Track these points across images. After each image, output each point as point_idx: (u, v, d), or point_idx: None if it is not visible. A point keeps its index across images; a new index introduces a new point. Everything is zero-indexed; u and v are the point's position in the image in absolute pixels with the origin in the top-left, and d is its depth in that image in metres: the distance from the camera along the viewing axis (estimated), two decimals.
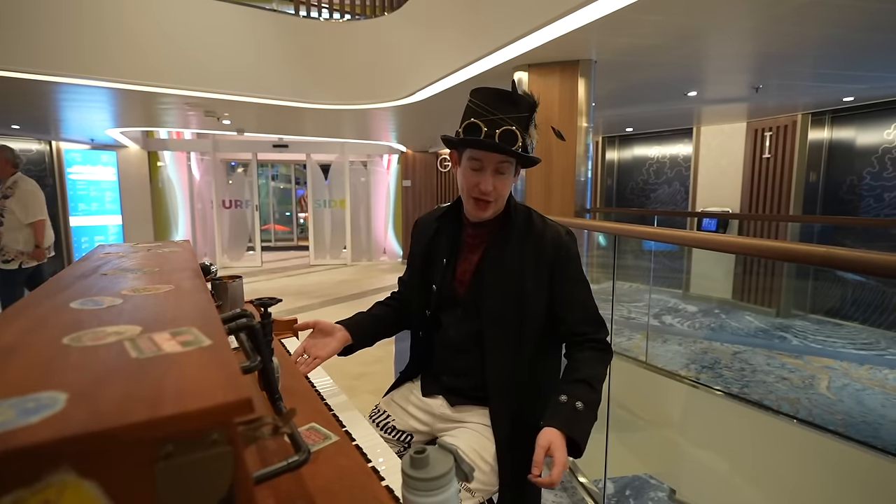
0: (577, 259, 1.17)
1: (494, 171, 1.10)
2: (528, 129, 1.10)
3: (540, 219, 1.20)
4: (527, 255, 1.14)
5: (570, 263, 1.15)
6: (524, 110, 1.09)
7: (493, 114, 1.07)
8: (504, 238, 1.16)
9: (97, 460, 0.35)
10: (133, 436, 0.36)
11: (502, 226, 1.18)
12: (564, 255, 1.14)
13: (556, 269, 1.13)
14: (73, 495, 0.35)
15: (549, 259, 1.13)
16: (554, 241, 1.14)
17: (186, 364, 0.47)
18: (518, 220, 1.18)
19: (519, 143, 1.07)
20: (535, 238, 1.15)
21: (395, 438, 1.25)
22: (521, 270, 1.13)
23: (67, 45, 3.76)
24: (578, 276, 1.16)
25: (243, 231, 9.10)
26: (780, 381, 3.53)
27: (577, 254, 1.18)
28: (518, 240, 1.16)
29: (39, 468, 0.34)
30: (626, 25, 2.47)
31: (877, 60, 3.30)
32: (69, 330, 0.60)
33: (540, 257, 1.13)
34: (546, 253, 1.13)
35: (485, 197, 1.11)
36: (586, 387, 1.04)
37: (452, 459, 0.65)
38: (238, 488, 0.41)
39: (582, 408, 1.00)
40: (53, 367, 0.47)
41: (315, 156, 9.01)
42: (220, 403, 0.39)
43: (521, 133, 1.08)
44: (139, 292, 0.82)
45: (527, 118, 1.09)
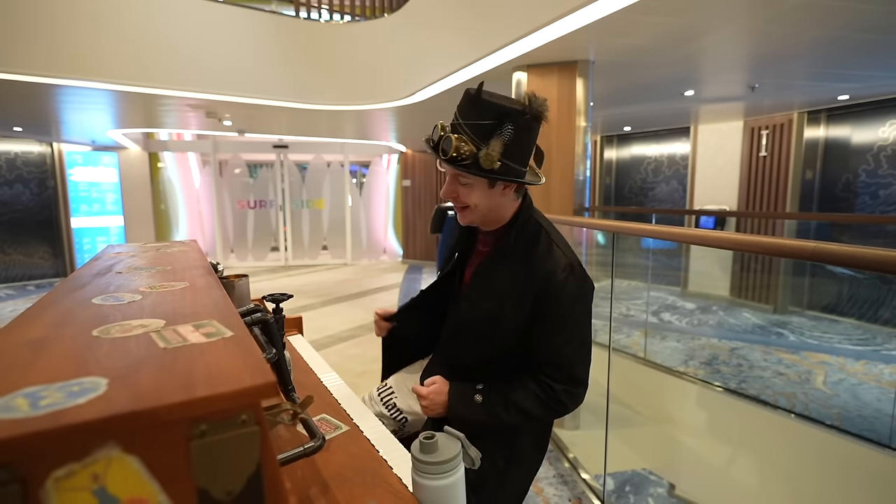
0: (568, 299, 1.05)
1: (454, 177, 1.06)
2: (489, 136, 0.98)
3: (547, 245, 1.09)
4: (516, 280, 1.07)
5: (557, 303, 1.04)
6: (487, 117, 0.98)
7: (457, 119, 1.02)
8: (501, 253, 1.12)
9: (139, 437, 0.39)
10: (171, 415, 0.40)
11: (506, 242, 1.11)
12: (552, 294, 1.04)
13: (541, 305, 1.05)
14: (118, 469, 0.38)
15: (536, 293, 1.05)
16: (547, 277, 1.04)
17: (213, 352, 0.51)
18: (522, 238, 1.10)
19: (457, 151, 0.99)
20: (531, 265, 1.06)
21: (392, 417, 1.28)
22: (505, 292, 1.08)
23: (67, 48, 3.79)
24: (564, 317, 1.05)
25: (268, 230, 9.14)
26: (777, 377, 3.57)
27: (575, 298, 1.06)
28: (514, 260, 1.09)
29: (89, 444, 0.37)
30: (623, 27, 2.50)
31: (869, 60, 3.34)
32: (96, 323, 0.64)
33: (526, 287, 1.06)
34: (534, 285, 1.05)
35: (454, 203, 1.10)
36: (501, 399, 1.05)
37: (460, 445, 0.68)
38: (265, 466, 0.44)
39: (479, 401, 1.06)
40: (89, 355, 0.51)
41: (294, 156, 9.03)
42: (248, 386, 0.43)
43: (472, 140, 0.99)
44: (156, 289, 0.86)
45: (489, 126, 0.98)
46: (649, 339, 4.62)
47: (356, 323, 4.91)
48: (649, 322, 5.15)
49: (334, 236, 9.29)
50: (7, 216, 7.19)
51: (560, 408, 1.06)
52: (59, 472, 0.36)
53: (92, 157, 7.68)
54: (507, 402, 1.05)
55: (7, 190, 7.17)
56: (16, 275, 7.33)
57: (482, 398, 1.06)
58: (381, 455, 0.81)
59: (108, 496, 0.38)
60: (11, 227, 7.22)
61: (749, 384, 3.46)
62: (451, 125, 1.03)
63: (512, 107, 0.99)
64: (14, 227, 7.24)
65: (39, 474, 0.36)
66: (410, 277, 7.39)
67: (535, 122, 1.02)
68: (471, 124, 0.99)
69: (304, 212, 9.16)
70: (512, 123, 0.98)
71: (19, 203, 7.28)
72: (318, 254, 9.35)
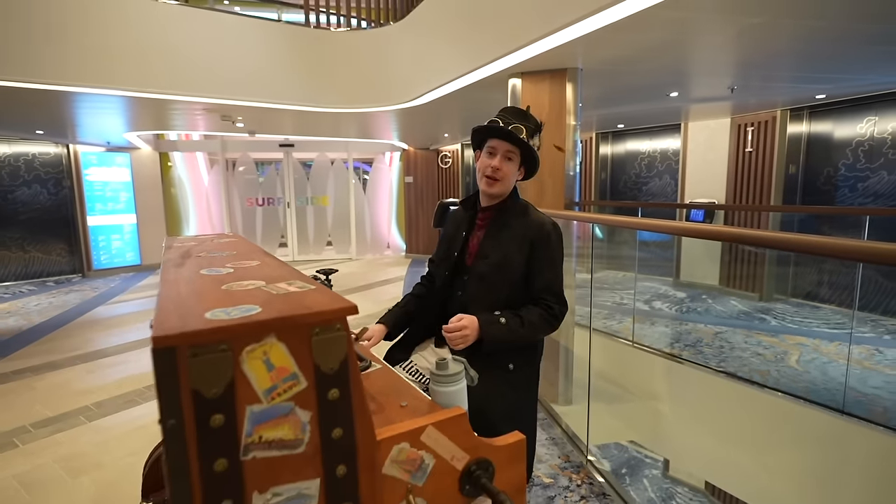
0: (555, 245, 1.51)
1: (503, 156, 1.52)
2: (534, 136, 1.53)
3: (535, 211, 1.58)
4: (516, 233, 1.51)
5: (548, 246, 1.50)
6: (532, 123, 1.53)
7: (511, 121, 1.51)
8: (504, 221, 1.55)
9: (285, 333, 0.69)
10: (301, 321, 0.70)
11: (503, 212, 1.57)
12: (544, 238, 1.49)
13: (535, 247, 1.49)
14: (275, 349, 0.69)
15: (532, 238, 1.49)
16: (538, 226, 1.51)
17: (309, 294, 0.81)
18: (516, 209, 1.57)
19: (525, 137, 1.49)
20: (526, 222, 1.52)
21: (417, 380, 1.59)
22: (510, 243, 1.51)
23: (97, 59, 4.08)
24: (552, 258, 1.50)
25: (276, 227, 9.45)
26: (755, 357, 3.88)
27: (558, 243, 1.52)
28: (513, 222, 1.54)
29: (260, 334, 0.67)
30: (606, 41, 2.78)
31: (839, 65, 3.62)
32: (219, 283, 0.94)
33: (525, 235, 1.50)
34: (530, 233, 1.50)
35: (494, 175, 1.52)
36: (517, 319, 1.42)
37: (463, 366, 0.98)
38: (349, 356, 0.74)
39: (504, 322, 1.40)
40: (233, 297, 0.81)
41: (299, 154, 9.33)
42: (340, 308, 0.73)
43: (528, 134, 1.50)
44: (240, 265, 1.16)
45: (533, 128, 1.53)
46: (641, 325, 4.93)
47: (364, 313, 5.22)
48: (642, 310, 5.45)
49: (339, 232, 9.59)
50: (26, 215, 7.50)
51: (556, 322, 1.48)
52: (248, 348, 0.66)
53: (106, 158, 7.98)
54: (522, 321, 1.43)
55: (26, 190, 7.47)
56: (35, 271, 7.64)
57: (505, 320, 1.41)
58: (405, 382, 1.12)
59: (270, 363, 0.68)
60: (30, 226, 7.53)
61: (728, 363, 3.76)
62: (507, 123, 1.51)
63: (541, 122, 1.58)
64: (33, 226, 7.56)
65: (238, 348, 0.66)
66: (414, 271, 7.70)
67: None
68: (525, 125, 1.52)
69: (309, 209, 9.47)
70: (539, 130, 1.56)
71: (37, 203, 7.59)
72: (323, 249, 9.66)
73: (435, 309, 1.63)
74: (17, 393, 3.32)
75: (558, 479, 2.25)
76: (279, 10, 8.09)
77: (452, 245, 1.63)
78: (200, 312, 0.70)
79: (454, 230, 1.66)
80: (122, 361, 3.92)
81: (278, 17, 8.20)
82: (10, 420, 2.92)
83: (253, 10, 8.53)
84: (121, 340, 4.47)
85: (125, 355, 4.07)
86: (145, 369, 3.72)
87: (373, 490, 0.79)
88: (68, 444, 2.64)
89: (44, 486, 2.25)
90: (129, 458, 2.46)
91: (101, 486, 2.23)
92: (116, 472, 2.34)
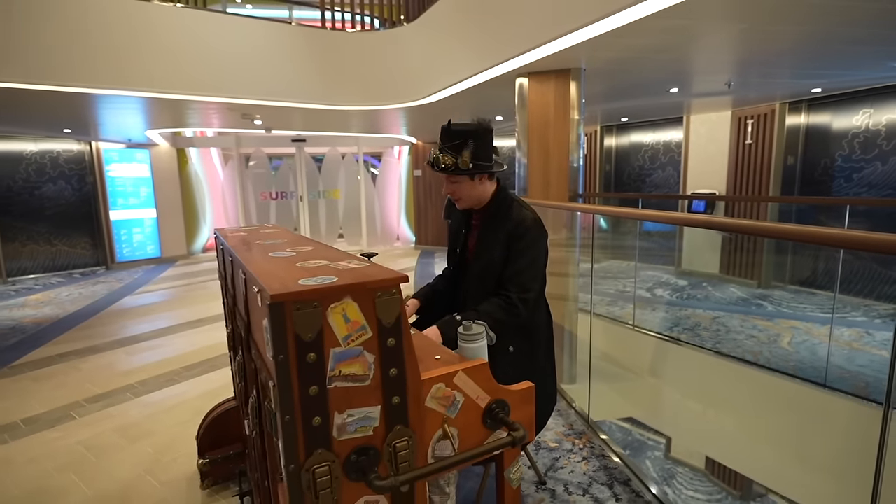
0: (531, 240, 1.65)
1: (448, 180, 1.70)
2: (462, 149, 1.61)
3: (518, 208, 1.72)
4: (500, 234, 1.69)
5: (522, 239, 1.65)
6: (455, 138, 1.61)
7: (439, 149, 1.66)
8: (491, 222, 1.74)
9: (357, 295, 0.94)
10: (369, 287, 0.95)
11: (490, 214, 1.75)
12: (521, 233, 1.65)
13: (512, 241, 1.66)
14: (350, 307, 0.94)
15: (510, 232, 1.66)
16: (518, 223, 1.66)
17: (370, 268, 1.07)
18: (502, 208, 1.73)
19: (447, 163, 1.61)
20: (508, 221, 1.69)
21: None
22: (495, 244, 1.69)
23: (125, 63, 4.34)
24: (524, 251, 1.65)
25: (289, 220, 9.74)
26: (749, 339, 4.10)
27: (535, 238, 1.66)
28: (498, 223, 1.71)
29: (340, 295, 0.93)
30: (608, 45, 3.00)
31: (833, 62, 3.80)
32: (292, 262, 1.19)
33: (506, 232, 1.67)
34: (510, 229, 1.67)
35: (453, 196, 1.73)
36: (473, 313, 1.58)
37: (484, 328, 1.23)
38: (402, 313, 1.00)
39: (459, 320, 1.53)
40: (311, 271, 1.06)
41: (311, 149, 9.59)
42: (395, 277, 0.99)
43: (450, 156, 1.62)
44: (299, 249, 1.41)
45: (459, 144, 1.61)
46: (643, 310, 5.16)
47: None
48: (644, 297, 5.68)
49: (350, 225, 9.85)
50: (52, 210, 7.82)
51: (514, 309, 1.62)
52: (332, 305, 0.92)
53: (127, 154, 8.27)
54: (478, 313, 1.59)
55: (52, 186, 7.79)
56: (62, 264, 7.98)
57: (461, 318, 1.56)
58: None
59: (347, 317, 0.93)
60: (56, 221, 7.86)
61: (723, 345, 3.99)
62: (439, 149, 1.66)
63: (469, 128, 1.62)
64: (59, 220, 7.88)
65: (325, 305, 0.91)
66: (423, 262, 7.95)
67: (487, 133, 1.65)
68: (448, 145, 1.62)
69: (321, 202, 9.73)
70: (472, 139, 1.61)
71: (62, 198, 7.91)
72: (335, 242, 9.94)
73: (451, 293, 1.89)
74: (66, 374, 3.62)
75: (562, 444, 2.51)
76: (290, 7, 8.31)
77: (455, 242, 1.89)
78: (294, 280, 0.95)
79: (457, 227, 1.91)
80: (157, 345, 4.22)
81: (289, 14, 8.43)
82: (64, 397, 3.22)
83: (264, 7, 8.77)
84: (153, 327, 4.77)
85: (159, 340, 4.37)
86: (180, 352, 4.01)
87: (418, 417, 1.05)
88: (120, 416, 2.93)
89: (106, 450, 2.54)
90: (177, 427, 2.75)
91: (157, 449, 2.52)
92: (168, 438, 2.63)
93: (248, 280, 1.23)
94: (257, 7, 8.92)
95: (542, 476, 2.21)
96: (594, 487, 2.14)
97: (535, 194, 3.69)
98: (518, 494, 1.29)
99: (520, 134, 3.79)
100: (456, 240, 1.89)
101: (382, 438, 1.00)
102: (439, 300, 1.91)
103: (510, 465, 1.24)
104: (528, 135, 3.68)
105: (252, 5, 8.93)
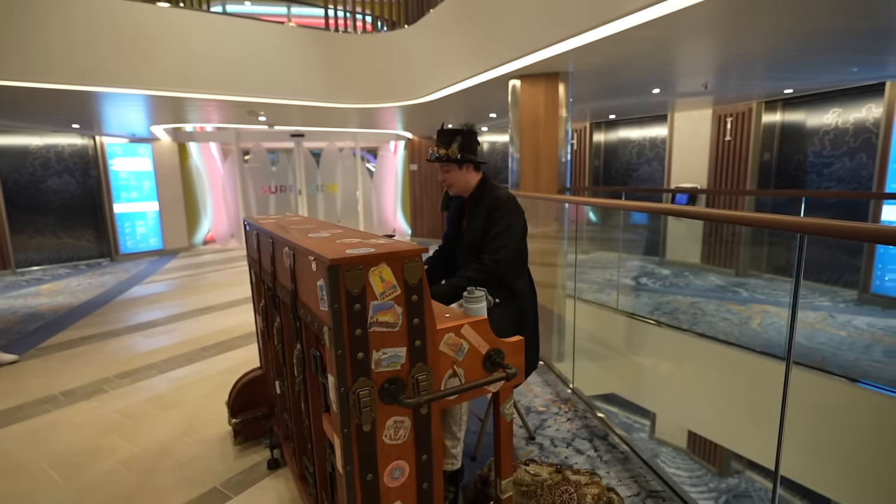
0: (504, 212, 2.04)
1: (442, 169, 2.15)
2: (451, 144, 2.08)
3: (496, 189, 2.14)
4: (481, 209, 2.10)
5: (494, 213, 2.05)
6: (447, 136, 2.10)
7: (436, 144, 2.14)
8: (477, 206, 2.14)
9: (391, 261, 1.25)
10: (399, 255, 1.26)
11: (477, 199, 2.16)
12: (496, 208, 2.06)
13: (489, 214, 2.06)
14: (385, 270, 1.25)
15: (488, 209, 2.07)
16: (494, 199, 2.08)
17: (396, 243, 1.37)
18: (485, 192, 2.14)
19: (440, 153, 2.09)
20: (488, 200, 2.10)
21: None
22: (479, 221, 2.09)
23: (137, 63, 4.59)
24: (498, 220, 2.04)
25: (288, 213, 9.99)
26: (722, 321, 4.46)
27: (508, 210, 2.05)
28: (482, 204, 2.11)
29: (379, 261, 1.24)
30: (593, 52, 3.30)
31: (798, 66, 4.14)
32: (333, 240, 1.49)
33: (486, 209, 2.08)
34: (488, 206, 2.08)
35: (445, 182, 2.17)
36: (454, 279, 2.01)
37: (484, 292, 1.55)
38: (423, 276, 1.30)
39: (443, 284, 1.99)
40: (351, 245, 1.36)
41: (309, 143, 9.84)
42: (419, 249, 1.30)
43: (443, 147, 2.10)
44: (332, 231, 1.71)
45: (448, 139, 2.09)
46: (627, 297, 5.50)
47: None
48: (629, 285, 6.03)
49: (347, 218, 10.12)
50: (57, 203, 8.02)
51: (485, 268, 1.99)
52: (372, 268, 1.22)
53: (130, 149, 8.47)
54: (459, 279, 1.99)
55: (57, 179, 7.98)
56: (67, 256, 8.19)
57: (445, 283, 2.00)
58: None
59: (382, 278, 1.24)
60: (62, 213, 8.06)
61: (698, 326, 4.34)
62: (435, 144, 2.14)
63: (458, 129, 2.11)
64: (64, 213, 8.08)
65: (367, 268, 1.22)
66: None
67: (472, 133, 2.13)
68: (440, 141, 2.12)
69: (319, 196, 9.99)
70: (459, 135, 2.10)
71: (67, 191, 8.10)
72: None
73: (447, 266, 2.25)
74: (91, 354, 3.89)
75: (550, 408, 2.84)
76: (288, 4, 8.53)
77: (452, 225, 2.30)
78: (343, 251, 1.26)
79: (454, 213, 2.31)
80: (172, 329, 4.49)
81: (288, 10, 8.65)
82: (94, 373, 3.49)
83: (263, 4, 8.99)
84: (165, 314, 5.04)
85: (173, 325, 4.65)
86: (195, 335, 4.29)
87: (434, 358, 1.36)
88: (148, 389, 3.22)
89: (141, 417, 2.83)
90: (204, 398, 3.04)
91: (188, 416, 2.81)
92: (197, 408, 2.92)
93: (298, 253, 1.52)
94: (256, 4, 9.13)
95: (532, 433, 2.54)
96: (576, 441, 2.47)
97: (526, 187, 4.01)
98: (510, 426, 1.61)
99: (512, 131, 4.09)
100: (452, 224, 2.30)
101: (407, 372, 1.31)
102: (436, 271, 2.33)
103: (504, 402, 1.56)
104: (521, 132, 3.99)
105: (251, 2, 9.14)
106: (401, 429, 1.32)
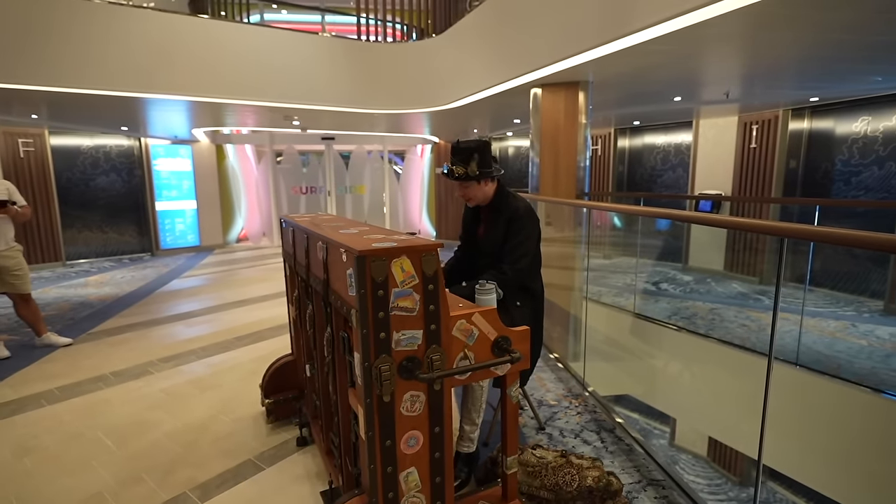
0: (522, 223, 2.15)
1: (460, 185, 2.21)
2: (469, 163, 2.12)
3: (514, 200, 2.22)
4: (501, 220, 2.20)
5: (513, 224, 2.16)
6: (464, 154, 2.13)
7: (452, 162, 2.18)
8: (495, 215, 2.25)
9: (410, 253, 1.44)
10: (417, 249, 1.44)
11: (494, 209, 2.25)
12: (514, 218, 2.16)
13: (509, 224, 2.17)
14: (405, 261, 1.44)
15: (507, 219, 2.17)
16: (512, 211, 2.18)
17: (415, 239, 1.56)
18: (502, 202, 2.23)
19: (459, 172, 2.13)
20: (506, 211, 2.20)
21: None
22: (498, 231, 2.20)
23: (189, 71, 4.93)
24: (516, 232, 2.14)
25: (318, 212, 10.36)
26: (740, 328, 4.49)
27: (525, 220, 2.15)
28: (500, 213, 2.22)
29: (399, 254, 1.42)
30: (612, 63, 3.43)
31: (822, 76, 4.16)
32: (361, 235, 1.69)
33: (505, 220, 2.18)
34: (507, 217, 2.18)
35: (464, 197, 2.24)
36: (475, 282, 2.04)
37: (495, 286, 1.72)
38: (438, 269, 1.48)
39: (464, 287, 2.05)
40: (376, 240, 1.55)
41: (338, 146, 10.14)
42: (435, 244, 1.48)
43: (461, 167, 2.13)
44: (360, 228, 1.91)
45: (466, 157, 2.12)
46: (647, 302, 5.56)
47: None
48: (650, 290, 6.07)
49: (374, 219, 10.40)
50: (104, 200, 8.54)
51: (504, 277, 2.08)
52: (395, 259, 1.41)
53: (171, 150, 8.95)
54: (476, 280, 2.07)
55: (104, 178, 8.50)
56: (112, 250, 8.70)
57: (465, 284, 2.10)
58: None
59: (403, 268, 1.42)
60: (108, 210, 8.57)
61: (715, 331, 4.39)
62: (451, 162, 2.18)
63: (473, 145, 2.13)
64: (110, 210, 8.59)
65: (390, 259, 1.40)
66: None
67: (487, 146, 2.16)
68: (458, 159, 2.15)
69: (348, 197, 10.31)
70: (476, 153, 2.13)
71: (113, 189, 8.62)
72: None
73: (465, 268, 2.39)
74: (137, 340, 4.22)
75: (561, 402, 2.98)
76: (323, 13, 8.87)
77: (468, 231, 2.42)
78: (369, 244, 1.45)
79: (470, 220, 2.42)
80: (210, 320, 4.80)
81: (322, 18, 9.00)
82: (139, 357, 3.80)
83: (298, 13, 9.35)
84: (203, 305, 5.36)
85: (210, 316, 4.96)
86: (230, 326, 4.58)
87: (448, 341, 1.53)
88: (189, 373, 3.49)
89: (183, 396, 3.09)
90: (238, 383, 3.29)
91: (224, 398, 3.06)
92: (233, 390, 3.17)
93: (330, 246, 1.72)
94: (292, 13, 9.51)
95: (543, 423, 2.69)
96: (585, 433, 2.61)
97: (545, 192, 4.15)
98: (516, 408, 1.77)
99: (533, 137, 4.24)
100: (468, 229, 2.42)
101: (423, 352, 1.49)
102: (456, 273, 2.43)
103: (510, 385, 1.72)
104: (541, 138, 4.14)
105: (287, 11, 9.52)
106: (416, 402, 1.50)
